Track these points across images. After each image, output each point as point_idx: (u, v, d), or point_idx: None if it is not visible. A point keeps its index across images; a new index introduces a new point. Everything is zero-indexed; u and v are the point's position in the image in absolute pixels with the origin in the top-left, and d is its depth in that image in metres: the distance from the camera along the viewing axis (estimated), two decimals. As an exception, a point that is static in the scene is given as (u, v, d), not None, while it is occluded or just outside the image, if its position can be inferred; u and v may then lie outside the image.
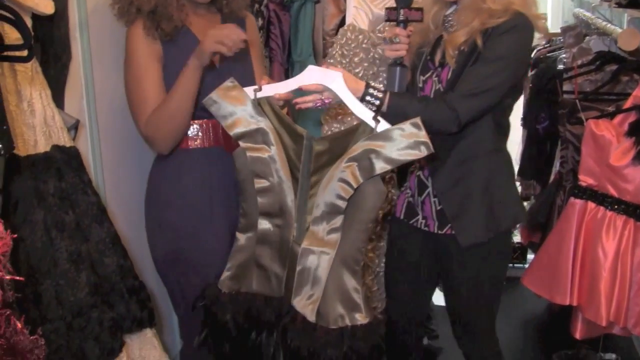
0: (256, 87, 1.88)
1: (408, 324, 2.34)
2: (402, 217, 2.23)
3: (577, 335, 2.68)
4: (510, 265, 3.72)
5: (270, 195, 1.87)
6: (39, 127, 1.86)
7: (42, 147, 1.86)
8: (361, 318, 1.90)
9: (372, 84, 1.90)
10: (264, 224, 1.90)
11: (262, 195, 1.87)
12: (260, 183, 1.86)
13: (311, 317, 1.89)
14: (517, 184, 2.87)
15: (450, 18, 2.07)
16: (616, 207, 2.41)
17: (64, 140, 1.93)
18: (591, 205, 2.48)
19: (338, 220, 1.85)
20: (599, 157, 2.44)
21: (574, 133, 2.99)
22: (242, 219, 1.94)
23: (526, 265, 3.90)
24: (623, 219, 2.39)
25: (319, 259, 1.88)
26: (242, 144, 1.86)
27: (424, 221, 2.15)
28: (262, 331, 1.94)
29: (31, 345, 1.14)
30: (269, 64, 2.82)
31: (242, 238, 1.95)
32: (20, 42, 1.62)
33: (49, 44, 2.01)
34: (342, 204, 1.83)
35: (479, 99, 1.91)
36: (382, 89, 1.90)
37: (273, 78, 2.33)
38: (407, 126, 1.78)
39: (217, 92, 1.86)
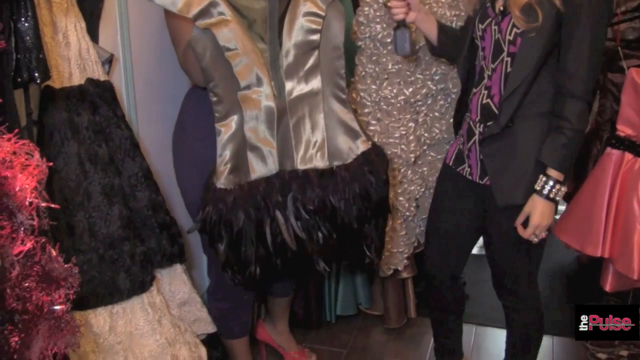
0: None
1: (446, 278, 2.29)
2: (450, 163, 2.18)
3: (607, 288, 2.67)
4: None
5: (245, 61, 1.79)
6: (73, 59, 1.86)
7: (77, 79, 1.87)
8: (364, 143, 1.93)
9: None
10: (247, 97, 1.84)
11: (237, 63, 1.79)
12: (233, 54, 1.78)
13: (324, 162, 1.90)
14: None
15: None
16: (654, 159, 2.37)
17: (98, 73, 1.93)
18: (628, 156, 2.44)
19: (313, 59, 1.84)
20: (640, 106, 2.39)
21: (614, 82, 2.93)
22: (219, 107, 1.84)
23: (557, 216, 3.87)
24: (661, 171, 2.35)
25: (309, 102, 1.87)
26: (200, 23, 1.73)
27: (469, 169, 2.09)
28: (274, 215, 1.90)
29: (65, 273, 1.15)
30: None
31: (228, 126, 1.86)
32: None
33: (83, -24, 1.98)
34: (316, 37, 1.83)
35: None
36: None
37: None
38: None
39: None
